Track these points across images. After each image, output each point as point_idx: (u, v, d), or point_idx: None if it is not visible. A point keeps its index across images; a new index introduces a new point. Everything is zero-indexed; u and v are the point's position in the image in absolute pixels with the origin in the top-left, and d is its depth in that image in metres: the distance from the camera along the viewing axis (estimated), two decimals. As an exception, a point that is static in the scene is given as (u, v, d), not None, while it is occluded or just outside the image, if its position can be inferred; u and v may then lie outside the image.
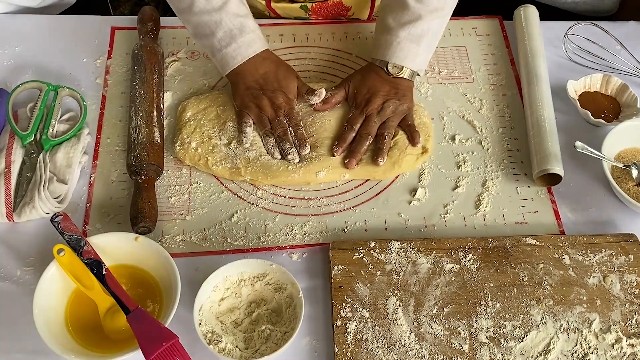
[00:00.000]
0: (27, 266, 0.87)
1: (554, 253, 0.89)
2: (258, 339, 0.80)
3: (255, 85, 0.99)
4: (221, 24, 0.96)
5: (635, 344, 0.82)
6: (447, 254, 0.88)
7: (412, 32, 0.99)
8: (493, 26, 1.21)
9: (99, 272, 0.79)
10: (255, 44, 0.99)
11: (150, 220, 0.89)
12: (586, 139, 0.99)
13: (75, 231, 0.82)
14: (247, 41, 0.98)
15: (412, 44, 1.00)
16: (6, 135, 0.97)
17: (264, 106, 0.98)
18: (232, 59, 0.98)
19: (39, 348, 0.77)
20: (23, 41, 1.12)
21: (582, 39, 1.15)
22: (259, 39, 1.00)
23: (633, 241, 0.91)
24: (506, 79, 1.12)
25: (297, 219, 0.94)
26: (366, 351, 0.80)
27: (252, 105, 0.98)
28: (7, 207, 0.89)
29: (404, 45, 1.00)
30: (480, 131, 1.05)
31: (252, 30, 0.99)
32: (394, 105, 1.00)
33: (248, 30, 0.98)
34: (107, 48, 1.12)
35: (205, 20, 0.97)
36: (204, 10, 0.96)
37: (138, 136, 0.95)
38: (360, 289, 0.85)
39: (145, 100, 0.99)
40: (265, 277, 0.84)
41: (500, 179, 0.99)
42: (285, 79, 1.00)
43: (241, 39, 0.97)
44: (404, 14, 0.99)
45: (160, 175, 0.96)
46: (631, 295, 0.86)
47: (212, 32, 0.97)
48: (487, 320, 0.83)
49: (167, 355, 0.72)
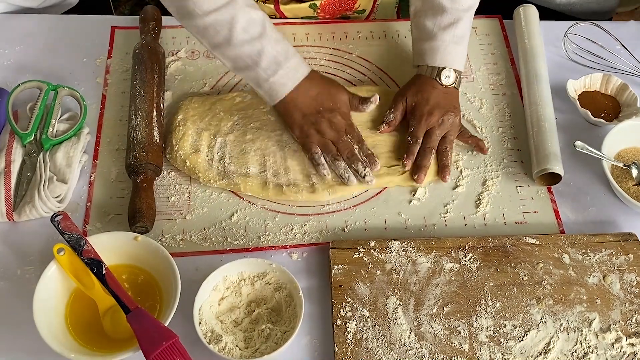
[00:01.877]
0: (27, 265, 0.87)
1: (553, 252, 0.89)
2: (258, 338, 0.80)
3: (311, 111, 0.95)
4: (264, 52, 0.91)
5: (635, 344, 0.82)
6: (447, 254, 0.88)
7: (455, 34, 0.99)
8: (493, 26, 1.21)
9: (99, 271, 0.79)
10: (301, 67, 0.95)
11: (148, 220, 0.88)
12: (586, 139, 0.99)
13: (75, 230, 0.82)
14: (293, 65, 0.94)
15: (458, 46, 1.00)
16: (6, 134, 0.97)
17: (325, 130, 0.95)
18: (283, 86, 0.94)
19: (39, 347, 0.76)
20: (23, 41, 1.12)
21: (582, 39, 1.15)
22: (303, 61, 0.96)
23: (633, 240, 0.91)
24: (506, 79, 1.12)
25: (297, 219, 0.94)
26: (366, 350, 0.80)
27: (313, 132, 0.95)
28: (7, 207, 0.89)
29: (451, 49, 1.00)
30: (480, 130, 1.05)
31: (294, 54, 0.94)
32: (452, 118, 0.99)
33: (291, 55, 0.94)
34: (107, 48, 1.12)
35: (246, 51, 0.92)
36: (244, 41, 0.91)
37: (137, 136, 0.95)
38: (360, 289, 0.85)
39: (145, 100, 0.99)
40: (265, 277, 0.84)
41: (500, 179, 0.99)
42: (337, 95, 0.97)
43: (287, 64, 0.93)
44: (443, 17, 0.99)
45: (159, 175, 0.96)
46: (631, 295, 0.86)
47: (256, 62, 0.92)
48: (487, 320, 0.83)
49: (167, 354, 0.72)
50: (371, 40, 1.16)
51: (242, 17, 0.90)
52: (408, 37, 1.15)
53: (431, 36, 1.00)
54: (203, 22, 0.90)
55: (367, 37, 1.17)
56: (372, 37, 1.17)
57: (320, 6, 1.16)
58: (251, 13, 0.91)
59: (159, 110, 1.00)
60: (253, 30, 0.91)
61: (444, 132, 0.99)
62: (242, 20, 0.90)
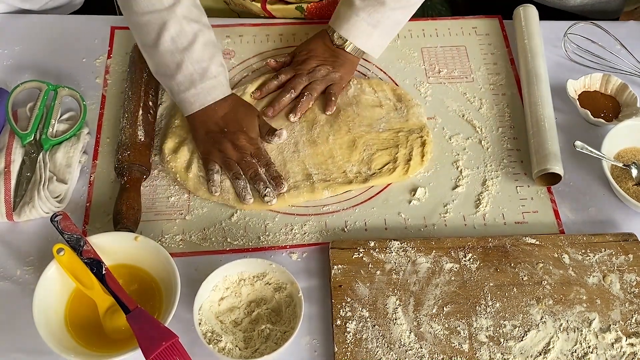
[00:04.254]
0: (26, 266, 0.87)
1: (553, 252, 0.89)
2: (258, 338, 0.80)
3: (215, 129, 0.96)
4: (182, 66, 0.93)
5: (634, 344, 0.82)
6: (446, 254, 0.88)
7: (372, 15, 1.01)
8: (493, 26, 1.21)
9: (98, 271, 0.79)
10: (216, 90, 0.95)
11: (129, 220, 0.88)
12: (586, 139, 0.99)
13: (75, 231, 0.82)
14: (207, 88, 0.94)
15: (369, 26, 1.01)
16: (6, 134, 0.97)
17: (227, 149, 0.94)
18: (190, 104, 0.95)
19: (38, 348, 0.77)
20: (23, 41, 1.12)
21: (582, 39, 1.15)
22: (220, 86, 0.96)
23: (632, 240, 0.91)
24: (506, 79, 1.12)
25: (297, 219, 0.94)
26: (366, 350, 0.80)
27: (215, 150, 0.95)
28: (7, 207, 0.89)
29: (360, 25, 1.01)
30: (480, 130, 1.05)
31: (213, 76, 0.95)
32: (326, 70, 1.02)
33: (210, 76, 0.94)
34: (107, 48, 1.12)
35: (167, 60, 0.93)
36: (168, 50, 0.92)
37: (122, 138, 0.96)
38: (360, 289, 0.85)
39: (131, 101, 0.99)
40: (265, 277, 0.84)
41: (500, 179, 0.99)
42: (247, 118, 0.97)
43: (201, 84, 0.94)
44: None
45: (147, 175, 0.95)
46: (631, 295, 0.86)
47: (172, 74, 0.94)
48: (487, 320, 0.83)
49: (167, 354, 0.72)
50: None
51: (173, 26, 0.92)
52: (408, 37, 1.16)
53: (351, 6, 1.02)
54: (137, 20, 0.93)
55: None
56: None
57: (307, 9, 1.16)
58: (185, 25, 0.92)
59: (146, 109, 0.99)
60: (180, 41, 0.93)
61: (311, 80, 1.02)
62: (172, 29, 0.92)
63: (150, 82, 1.03)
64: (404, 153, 0.98)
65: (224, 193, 0.93)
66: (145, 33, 0.94)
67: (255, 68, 1.11)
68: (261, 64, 1.11)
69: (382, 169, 0.97)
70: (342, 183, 0.95)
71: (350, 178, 0.96)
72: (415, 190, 0.97)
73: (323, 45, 1.05)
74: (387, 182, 0.97)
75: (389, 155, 0.98)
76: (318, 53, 1.04)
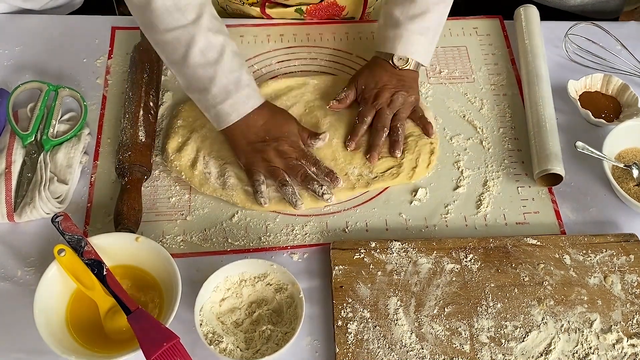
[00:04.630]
0: (27, 266, 0.87)
1: (554, 253, 0.89)
2: (259, 339, 0.80)
3: (256, 139, 0.94)
4: (216, 78, 0.91)
5: (636, 344, 0.82)
6: (447, 254, 0.88)
7: (421, 25, 1.00)
8: (494, 26, 1.20)
9: (99, 272, 0.79)
10: (252, 99, 0.93)
11: (130, 221, 0.88)
12: (587, 139, 0.99)
13: (76, 231, 0.82)
14: (243, 96, 0.92)
15: (421, 36, 1.01)
16: (6, 135, 0.97)
17: (271, 157, 0.93)
18: (228, 115, 0.92)
19: (39, 348, 0.77)
20: (23, 41, 1.12)
21: (583, 39, 1.15)
22: (255, 93, 0.94)
23: (634, 241, 0.91)
24: (507, 79, 1.12)
25: (298, 219, 0.94)
26: (367, 351, 0.80)
27: (258, 160, 0.93)
28: (8, 208, 0.89)
29: (413, 39, 1.00)
30: (480, 131, 1.05)
31: (247, 85, 0.93)
32: (402, 97, 1.01)
33: (244, 85, 0.92)
34: (108, 48, 1.12)
35: (199, 74, 0.91)
36: (199, 64, 0.90)
37: (122, 138, 0.96)
38: (361, 289, 0.85)
39: (132, 102, 0.99)
40: (266, 278, 0.84)
41: (501, 179, 0.99)
42: (286, 124, 0.96)
43: (237, 94, 0.92)
44: (411, 7, 1.00)
45: (147, 175, 0.95)
46: (632, 296, 0.86)
47: (207, 88, 0.91)
48: (488, 321, 0.83)
49: (168, 355, 0.72)
50: (372, 40, 1.16)
51: (201, 39, 0.90)
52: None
53: (396, 24, 1.01)
54: (163, 38, 0.90)
55: (368, 38, 1.16)
56: (372, 36, 1.17)
57: (306, 11, 1.16)
58: (211, 38, 0.91)
59: (146, 109, 0.99)
60: (210, 55, 0.91)
61: (394, 111, 1.01)
62: (200, 43, 0.90)
63: (151, 83, 1.03)
64: (410, 159, 0.98)
65: (228, 190, 0.93)
66: (172, 50, 0.91)
67: (257, 69, 1.11)
68: (262, 64, 1.11)
69: (384, 173, 0.97)
70: (345, 189, 0.95)
71: (353, 182, 0.96)
72: (416, 191, 0.97)
73: (387, 73, 1.02)
74: (389, 186, 0.97)
75: (394, 160, 0.98)
76: (385, 81, 1.01)
